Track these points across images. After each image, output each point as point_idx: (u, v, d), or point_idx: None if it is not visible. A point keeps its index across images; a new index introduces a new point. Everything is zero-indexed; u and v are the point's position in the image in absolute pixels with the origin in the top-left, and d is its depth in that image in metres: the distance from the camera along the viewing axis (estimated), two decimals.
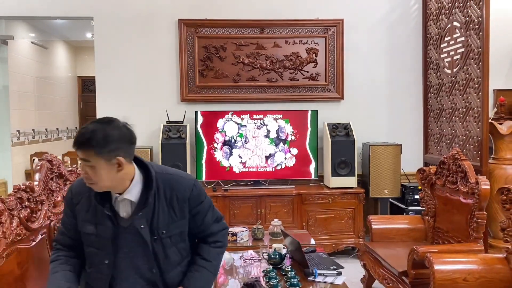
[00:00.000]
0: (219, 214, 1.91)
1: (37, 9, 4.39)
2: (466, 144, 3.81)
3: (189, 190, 1.75)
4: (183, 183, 1.76)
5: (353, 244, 4.19)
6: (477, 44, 3.60)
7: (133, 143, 1.70)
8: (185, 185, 1.75)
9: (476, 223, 2.70)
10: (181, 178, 1.79)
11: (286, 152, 4.39)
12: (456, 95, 3.97)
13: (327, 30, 4.50)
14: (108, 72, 4.46)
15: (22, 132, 6.30)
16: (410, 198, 4.19)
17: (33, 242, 2.11)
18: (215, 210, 1.89)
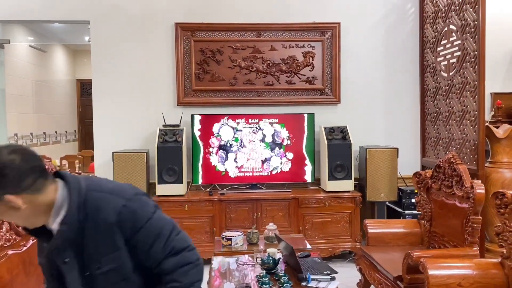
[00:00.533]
0: (178, 243, 1.41)
1: (33, 13, 4.39)
2: (462, 147, 3.80)
3: (115, 213, 1.31)
4: (110, 204, 1.32)
5: (350, 248, 4.17)
6: (473, 48, 3.60)
7: (27, 173, 1.25)
8: (111, 207, 1.32)
9: (472, 227, 2.68)
10: (109, 197, 1.34)
11: (282, 156, 4.38)
12: (453, 98, 3.96)
13: (323, 34, 4.50)
14: (105, 75, 4.46)
15: (20, 135, 6.30)
16: (407, 202, 4.18)
17: (23, 248, 2.10)
18: (172, 238, 1.40)
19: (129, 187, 1.41)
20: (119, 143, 4.41)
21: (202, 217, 4.08)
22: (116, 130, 4.46)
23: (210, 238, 4.01)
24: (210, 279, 2.64)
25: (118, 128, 4.45)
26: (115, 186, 1.41)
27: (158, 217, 1.39)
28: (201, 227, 4.07)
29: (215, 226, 4.07)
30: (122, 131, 4.46)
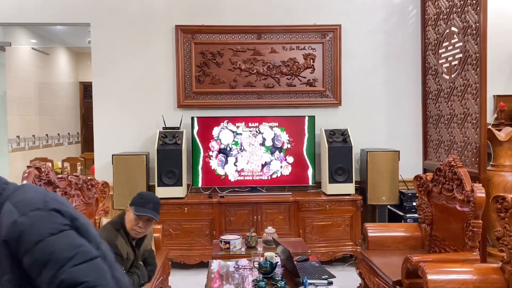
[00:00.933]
0: (71, 276, 0.98)
1: (34, 16, 4.40)
2: (464, 150, 3.76)
3: (6, 229, 1.03)
4: (6, 218, 1.05)
5: (350, 251, 4.14)
6: (474, 50, 3.56)
7: None
8: (5, 222, 1.04)
9: (472, 231, 2.65)
10: (11, 209, 1.06)
11: (282, 160, 4.36)
12: (455, 101, 3.92)
13: (324, 36, 4.48)
14: (105, 77, 4.46)
15: (22, 137, 6.32)
16: (408, 205, 4.14)
17: None
18: (65, 269, 0.98)
19: (41, 199, 1.09)
20: (119, 145, 4.40)
21: (201, 220, 4.06)
22: (116, 133, 4.45)
23: (210, 241, 3.99)
24: (208, 282, 2.62)
25: (118, 131, 4.45)
26: (27, 196, 1.10)
27: (55, 240, 1.03)
28: (201, 230, 4.05)
29: (214, 229, 4.05)
30: (122, 134, 4.45)
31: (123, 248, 2.38)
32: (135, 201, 2.42)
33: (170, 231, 4.00)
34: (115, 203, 4.07)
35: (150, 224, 2.45)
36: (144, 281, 2.53)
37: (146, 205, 2.39)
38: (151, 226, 2.48)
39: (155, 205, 2.42)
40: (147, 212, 2.37)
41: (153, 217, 2.39)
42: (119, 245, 2.36)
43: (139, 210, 2.36)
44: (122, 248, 2.37)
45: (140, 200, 2.42)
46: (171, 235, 4.00)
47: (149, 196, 2.50)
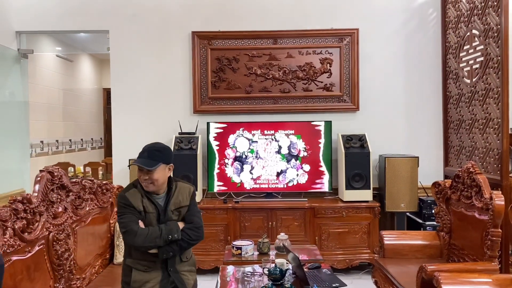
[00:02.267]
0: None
1: (55, 24, 4.52)
2: (486, 156, 3.63)
3: None
4: None
5: (368, 259, 4.05)
6: (496, 53, 3.45)
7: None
8: None
9: (491, 240, 2.55)
10: None
11: (298, 168, 4.31)
12: (476, 105, 3.80)
13: (341, 40, 4.43)
14: (123, 84, 4.53)
15: (46, 142, 6.47)
16: (428, 213, 4.02)
17: (28, 254, 2.12)
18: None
19: None
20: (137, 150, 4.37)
21: (216, 225, 4.05)
22: (133, 137, 4.50)
23: (225, 246, 3.97)
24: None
25: (135, 135, 4.50)
26: None
27: None
28: (216, 235, 4.05)
29: (229, 234, 4.03)
30: (139, 138, 4.48)
31: (135, 200, 2.32)
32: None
33: None
34: None
35: (152, 174, 2.29)
36: (176, 236, 2.29)
37: (142, 154, 2.33)
38: (156, 176, 2.30)
39: (150, 152, 2.31)
40: (137, 161, 2.30)
41: (139, 165, 2.27)
42: (129, 196, 2.33)
43: (135, 161, 2.32)
44: (133, 200, 2.32)
45: (140, 151, 2.37)
46: None
47: (149, 145, 2.40)
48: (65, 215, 2.51)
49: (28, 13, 4.49)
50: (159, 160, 2.31)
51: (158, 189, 2.37)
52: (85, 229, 2.81)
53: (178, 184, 2.46)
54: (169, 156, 2.40)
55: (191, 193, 2.47)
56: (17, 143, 4.82)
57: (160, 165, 2.31)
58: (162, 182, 2.37)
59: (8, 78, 4.62)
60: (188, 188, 2.47)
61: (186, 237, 2.34)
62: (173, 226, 2.33)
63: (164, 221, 2.35)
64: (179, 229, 2.33)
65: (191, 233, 2.37)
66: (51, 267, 2.34)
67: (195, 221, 2.41)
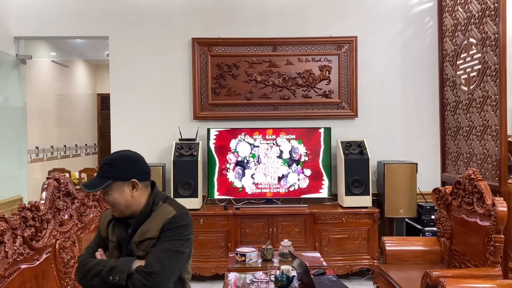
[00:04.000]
0: None
1: (54, 29, 4.50)
2: (484, 163, 3.69)
3: None
4: None
5: (367, 265, 4.08)
6: (493, 61, 3.52)
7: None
8: None
9: (494, 246, 2.59)
10: None
11: (299, 173, 4.33)
12: (473, 112, 3.87)
13: (340, 48, 4.48)
14: (123, 90, 4.52)
15: (41, 148, 6.42)
16: (426, 219, 4.07)
17: (36, 262, 2.10)
18: None
19: None
20: None
21: (217, 232, 4.05)
22: (133, 144, 4.48)
23: (225, 253, 3.97)
24: None
25: (135, 142, 4.49)
26: None
27: None
28: (216, 242, 4.04)
29: (230, 241, 4.03)
30: (138, 145, 4.48)
31: (103, 222, 1.96)
32: None
33: None
34: None
35: (108, 196, 1.83)
36: (117, 280, 1.71)
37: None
38: (111, 198, 1.82)
39: (100, 168, 1.84)
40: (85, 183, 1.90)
41: (81, 186, 1.85)
42: (103, 216, 1.99)
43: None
44: (102, 221, 1.97)
45: None
46: None
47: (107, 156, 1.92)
48: (70, 223, 2.50)
49: (27, 19, 4.47)
50: (108, 177, 1.80)
51: (122, 214, 1.87)
52: (89, 236, 2.79)
53: (160, 208, 1.87)
54: (126, 169, 1.82)
55: (166, 222, 1.80)
56: (15, 149, 4.79)
57: (111, 183, 1.80)
58: (126, 206, 1.84)
59: (7, 84, 4.59)
60: (165, 215, 1.83)
61: (132, 283, 1.70)
62: (122, 265, 1.74)
63: (124, 255, 1.82)
64: (129, 269, 1.72)
65: (137, 280, 1.70)
66: (58, 275, 2.32)
67: (149, 263, 1.73)
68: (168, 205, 1.88)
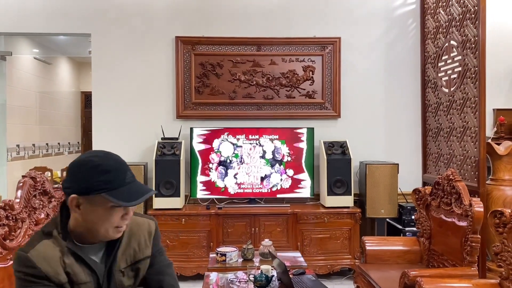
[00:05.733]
0: None
1: (36, 26, 4.43)
2: (463, 164, 3.74)
3: None
4: None
5: (349, 265, 4.10)
6: (473, 63, 3.56)
7: None
8: None
9: (470, 246, 2.62)
10: None
11: (282, 173, 4.34)
12: (454, 114, 3.91)
13: (324, 48, 4.49)
14: (105, 88, 4.47)
15: (22, 146, 6.32)
16: (407, 219, 4.11)
17: (10, 261, 2.06)
18: None
19: None
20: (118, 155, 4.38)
21: (199, 232, 4.03)
22: (115, 142, 4.45)
23: (207, 253, 3.96)
24: None
25: (117, 140, 4.45)
26: None
27: None
28: (198, 242, 4.02)
29: (212, 240, 4.02)
30: (121, 144, 4.45)
31: (53, 265, 1.32)
32: None
33: (167, 242, 3.96)
34: None
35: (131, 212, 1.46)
36: None
37: None
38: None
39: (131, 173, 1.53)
40: None
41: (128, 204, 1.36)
42: (40, 261, 1.32)
43: None
44: (48, 265, 1.32)
45: None
46: (168, 246, 3.96)
47: None
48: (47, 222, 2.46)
49: (7, 14, 4.39)
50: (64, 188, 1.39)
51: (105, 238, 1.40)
52: None
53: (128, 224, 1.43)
54: (71, 179, 1.35)
55: (155, 235, 1.54)
56: None
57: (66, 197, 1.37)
58: (74, 226, 1.37)
59: None
60: (146, 225, 1.54)
61: None
62: None
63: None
64: None
65: None
66: None
67: (174, 286, 1.52)
68: (135, 217, 1.51)
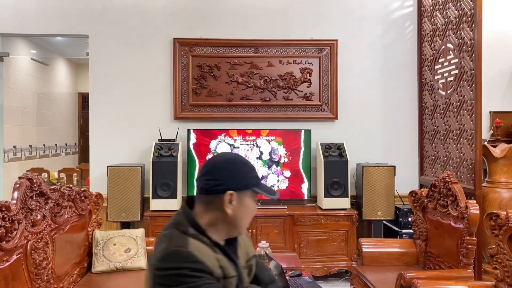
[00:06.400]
0: None
1: (33, 27, 4.42)
2: (460, 166, 3.75)
3: None
4: None
5: (345, 267, 4.10)
6: (470, 66, 3.58)
7: None
8: None
9: (466, 248, 2.63)
10: None
11: (279, 174, 4.34)
12: (450, 116, 3.93)
13: (321, 50, 4.50)
14: (102, 89, 4.47)
15: (19, 147, 6.31)
16: (404, 221, 4.11)
17: (6, 263, 2.06)
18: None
19: None
20: (115, 157, 4.39)
21: None
22: (112, 144, 4.45)
23: None
24: None
25: (114, 142, 4.44)
26: None
27: None
28: None
29: None
30: (118, 145, 4.45)
31: (212, 261, 1.32)
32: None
33: None
34: (109, 215, 4.05)
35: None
36: None
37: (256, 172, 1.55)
38: None
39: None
40: (263, 188, 1.54)
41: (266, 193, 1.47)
42: (200, 254, 1.31)
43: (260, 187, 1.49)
44: (207, 259, 1.31)
45: (248, 166, 1.47)
46: None
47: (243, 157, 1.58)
48: (43, 223, 2.46)
49: (4, 15, 4.39)
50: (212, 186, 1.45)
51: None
52: (63, 237, 2.76)
53: None
54: (223, 176, 1.42)
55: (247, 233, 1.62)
56: None
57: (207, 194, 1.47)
58: (212, 222, 1.43)
59: None
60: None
61: None
62: None
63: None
64: None
65: None
66: (29, 277, 2.28)
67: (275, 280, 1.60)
68: None
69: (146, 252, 3.27)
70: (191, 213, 1.39)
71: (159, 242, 1.35)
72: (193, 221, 1.37)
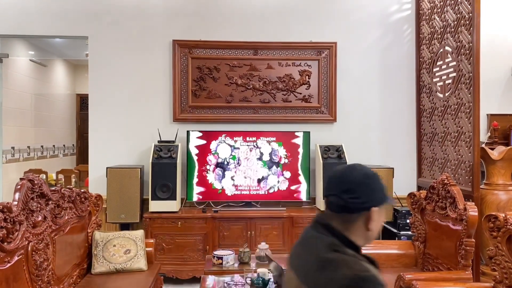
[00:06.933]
0: None
1: (33, 28, 4.43)
2: (458, 168, 3.78)
3: None
4: None
5: None
6: (468, 69, 3.61)
7: None
8: None
9: (465, 250, 2.65)
10: None
11: (279, 175, 4.36)
12: (448, 119, 3.96)
13: (320, 53, 4.53)
14: (102, 90, 4.47)
15: (17, 148, 6.30)
16: (402, 223, 4.13)
17: (8, 264, 2.07)
18: None
19: None
20: (114, 158, 4.40)
21: (195, 235, 4.04)
22: (111, 145, 4.45)
23: (203, 256, 3.96)
24: None
25: (113, 143, 4.45)
26: None
27: None
28: (194, 245, 4.03)
29: (208, 244, 4.02)
30: (117, 146, 4.46)
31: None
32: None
33: (163, 245, 3.97)
34: (108, 217, 4.05)
35: None
36: None
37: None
38: None
39: None
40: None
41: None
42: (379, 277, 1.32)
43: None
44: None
45: (380, 183, 1.40)
46: (164, 249, 3.97)
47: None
48: (44, 224, 2.47)
49: (3, 16, 4.39)
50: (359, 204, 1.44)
51: None
52: (63, 238, 2.76)
53: None
54: (366, 193, 1.41)
55: None
56: None
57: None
58: (355, 239, 1.43)
59: None
60: None
61: None
62: None
63: None
64: None
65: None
66: (30, 278, 2.28)
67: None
68: None
69: (145, 253, 3.28)
70: (342, 232, 1.33)
71: (322, 268, 1.26)
72: (348, 240, 1.32)
